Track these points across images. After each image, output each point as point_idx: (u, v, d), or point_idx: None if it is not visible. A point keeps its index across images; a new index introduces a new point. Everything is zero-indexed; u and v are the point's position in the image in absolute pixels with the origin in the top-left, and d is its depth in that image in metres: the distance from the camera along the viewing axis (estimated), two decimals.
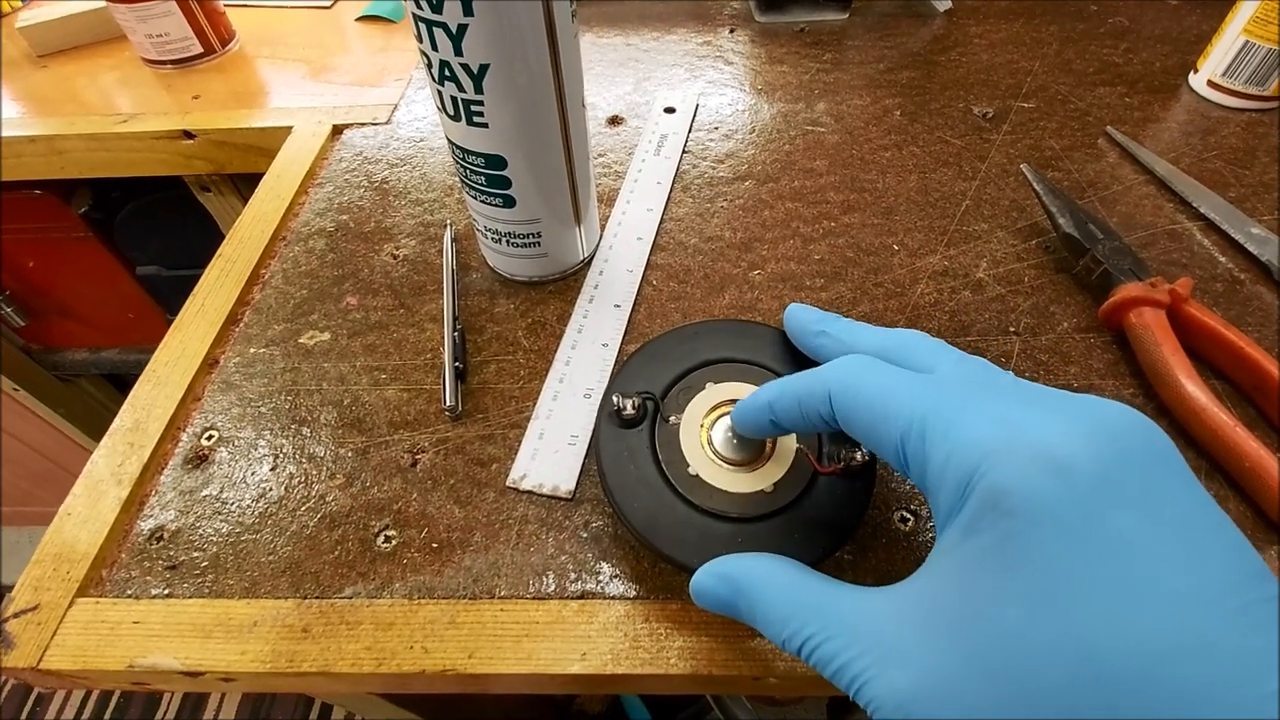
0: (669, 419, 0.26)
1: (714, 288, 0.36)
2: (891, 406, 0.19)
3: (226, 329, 0.35)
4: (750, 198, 0.40)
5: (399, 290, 0.36)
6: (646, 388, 0.27)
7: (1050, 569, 0.15)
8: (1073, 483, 0.15)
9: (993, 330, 0.33)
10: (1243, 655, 0.13)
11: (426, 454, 0.30)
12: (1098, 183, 0.40)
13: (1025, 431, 0.16)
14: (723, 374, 0.27)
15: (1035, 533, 0.15)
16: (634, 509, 0.24)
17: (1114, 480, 0.15)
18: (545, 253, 0.34)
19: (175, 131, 0.48)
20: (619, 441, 0.26)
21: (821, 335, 0.25)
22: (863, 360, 0.21)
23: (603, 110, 0.47)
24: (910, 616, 0.17)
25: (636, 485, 0.25)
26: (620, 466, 0.25)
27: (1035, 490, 0.15)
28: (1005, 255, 0.36)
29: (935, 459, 0.17)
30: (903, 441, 0.18)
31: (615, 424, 0.26)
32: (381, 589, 0.26)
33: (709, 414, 0.26)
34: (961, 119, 0.45)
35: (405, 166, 0.43)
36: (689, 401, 0.27)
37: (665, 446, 0.26)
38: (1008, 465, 0.16)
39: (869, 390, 0.19)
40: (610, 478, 0.25)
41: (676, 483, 0.25)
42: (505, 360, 0.33)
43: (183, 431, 0.31)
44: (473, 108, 0.28)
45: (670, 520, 0.24)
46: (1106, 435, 0.16)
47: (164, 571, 0.27)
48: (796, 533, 0.23)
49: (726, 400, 0.26)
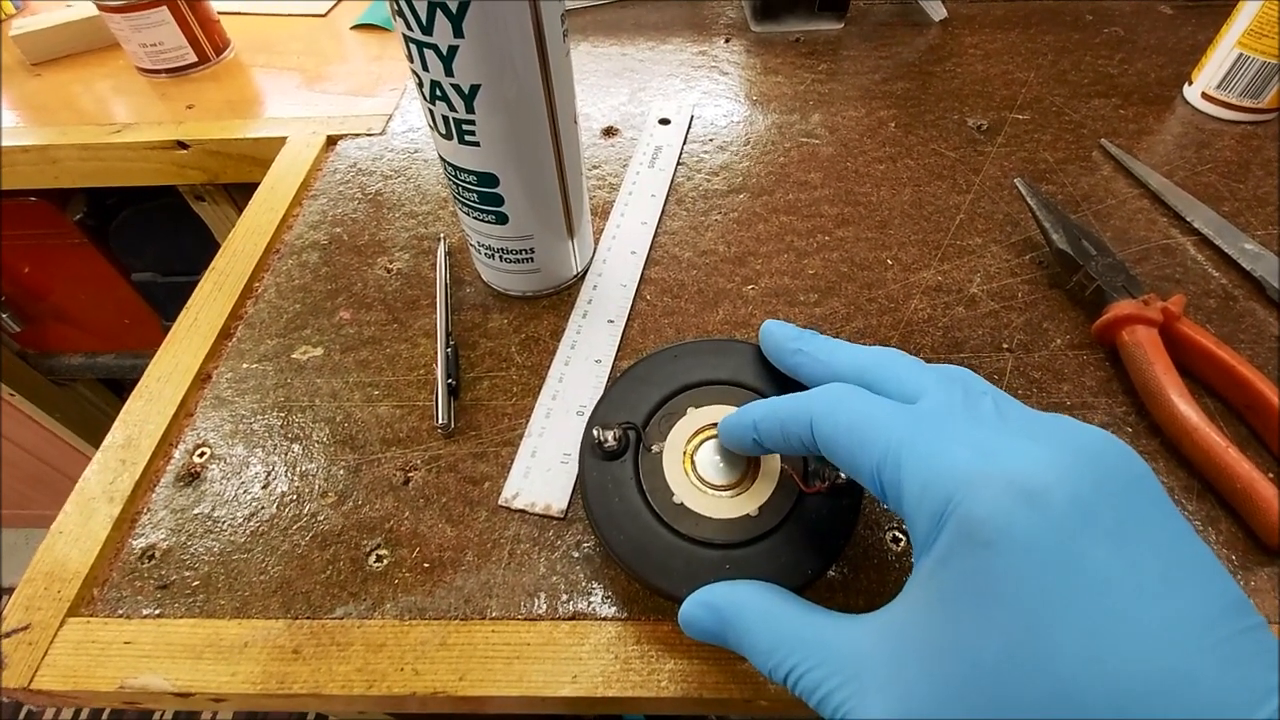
0: (651, 448, 0.26)
1: (708, 303, 0.36)
2: (869, 435, 0.19)
3: (219, 344, 0.35)
4: (745, 211, 0.40)
5: (392, 304, 0.36)
6: (628, 416, 0.27)
7: (1025, 601, 0.14)
8: (1048, 513, 0.15)
9: (986, 347, 0.33)
10: (1222, 689, 0.13)
11: (419, 472, 0.30)
12: (1092, 196, 0.40)
13: (1000, 460, 0.16)
14: (704, 397, 0.27)
15: (1010, 563, 0.15)
16: (620, 540, 0.24)
17: (1090, 510, 0.15)
18: (538, 268, 0.34)
19: (169, 142, 0.48)
20: (602, 473, 0.26)
21: (798, 354, 0.25)
22: (846, 389, 0.21)
23: (597, 121, 0.47)
24: (887, 646, 0.17)
25: (621, 517, 0.25)
26: (605, 498, 0.25)
27: (1009, 520, 0.15)
28: (999, 270, 0.36)
29: (910, 488, 0.17)
30: (879, 470, 0.18)
31: (598, 456, 0.26)
32: (373, 609, 0.26)
33: (691, 439, 0.26)
34: (956, 131, 0.45)
35: (399, 178, 0.43)
36: (671, 428, 0.27)
37: (649, 476, 0.26)
38: (982, 495, 0.16)
39: (849, 418, 0.19)
40: (595, 510, 0.25)
41: (662, 512, 0.25)
42: (498, 376, 0.33)
43: (175, 448, 0.31)
44: (464, 127, 0.28)
45: (657, 550, 0.24)
46: (1083, 463, 0.16)
47: (155, 591, 0.27)
48: (784, 556, 0.23)
49: (709, 425, 0.26)
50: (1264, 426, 0.29)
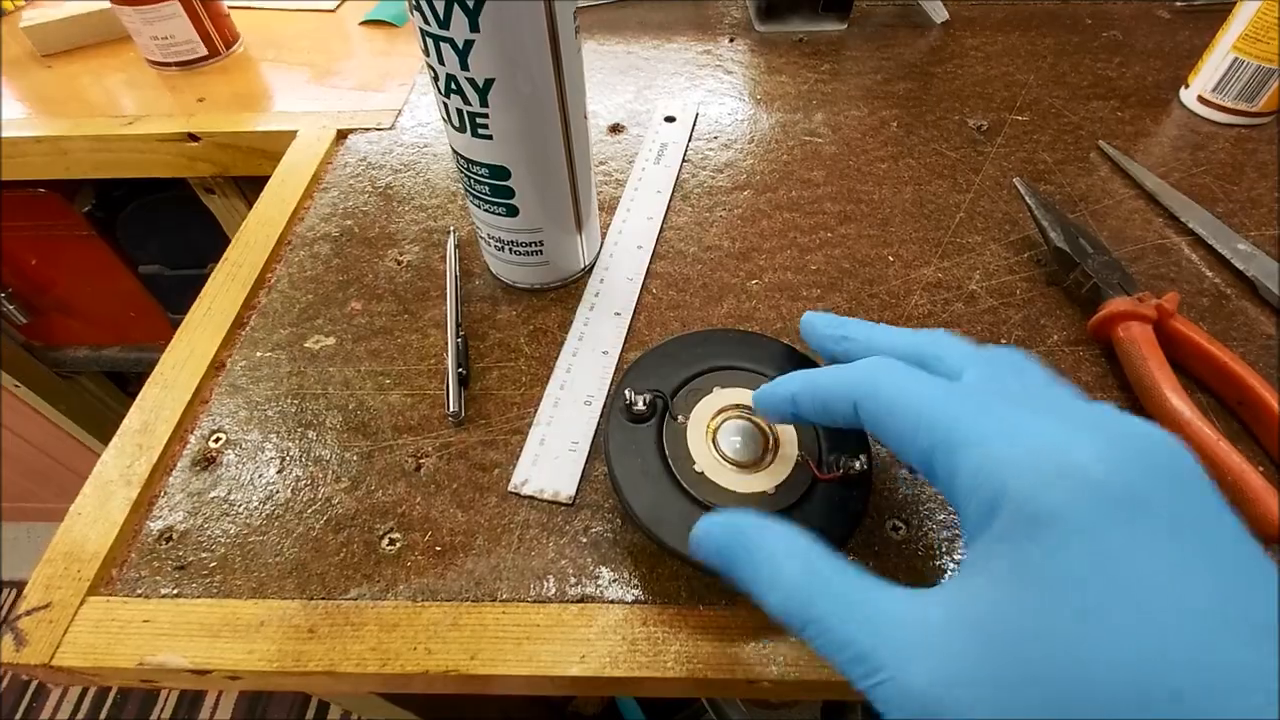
0: (677, 417, 0.27)
1: (712, 297, 0.36)
2: (922, 418, 0.19)
3: (233, 332, 0.36)
4: (748, 207, 0.41)
5: (403, 296, 0.37)
6: (657, 386, 0.28)
7: (1079, 584, 0.15)
8: (1102, 499, 0.15)
9: (985, 342, 0.34)
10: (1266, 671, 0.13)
11: (430, 458, 0.30)
12: (1089, 196, 0.41)
13: (1056, 447, 0.16)
14: (729, 379, 0.28)
15: (1065, 547, 0.15)
16: (639, 500, 0.25)
17: (1143, 499, 0.15)
18: (547, 260, 0.35)
19: (180, 134, 0.49)
20: (627, 435, 0.27)
21: (844, 340, 0.25)
22: (889, 365, 0.21)
23: (604, 118, 0.47)
24: (939, 620, 0.17)
25: (641, 478, 0.26)
26: (627, 459, 0.26)
27: (1065, 505, 0.15)
28: (998, 268, 0.37)
29: (965, 472, 0.17)
30: (931, 453, 0.18)
31: (625, 418, 0.27)
32: (386, 591, 0.27)
33: (715, 416, 0.27)
34: (957, 131, 0.45)
35: (409, 172, 0.44)
36: (697, 403, 0.27)
37: (672, 443, 0.26)
38: (1037, 481, 0.16)
39: (898, 400, 0.19)
40: (617, 469, 0.26)
41: (682, 477, 0.25)
42: (507, 366, 0.34)
43: (190, 434, 0.32)
44: (478, 120, 0.29)
45: (673, 513, 0.25)
46: (1138, 454, 0.16)
47: (173, 572, 0.28)
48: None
49: (732, 404, 0.27)
50: (1255, 421, 0.30)
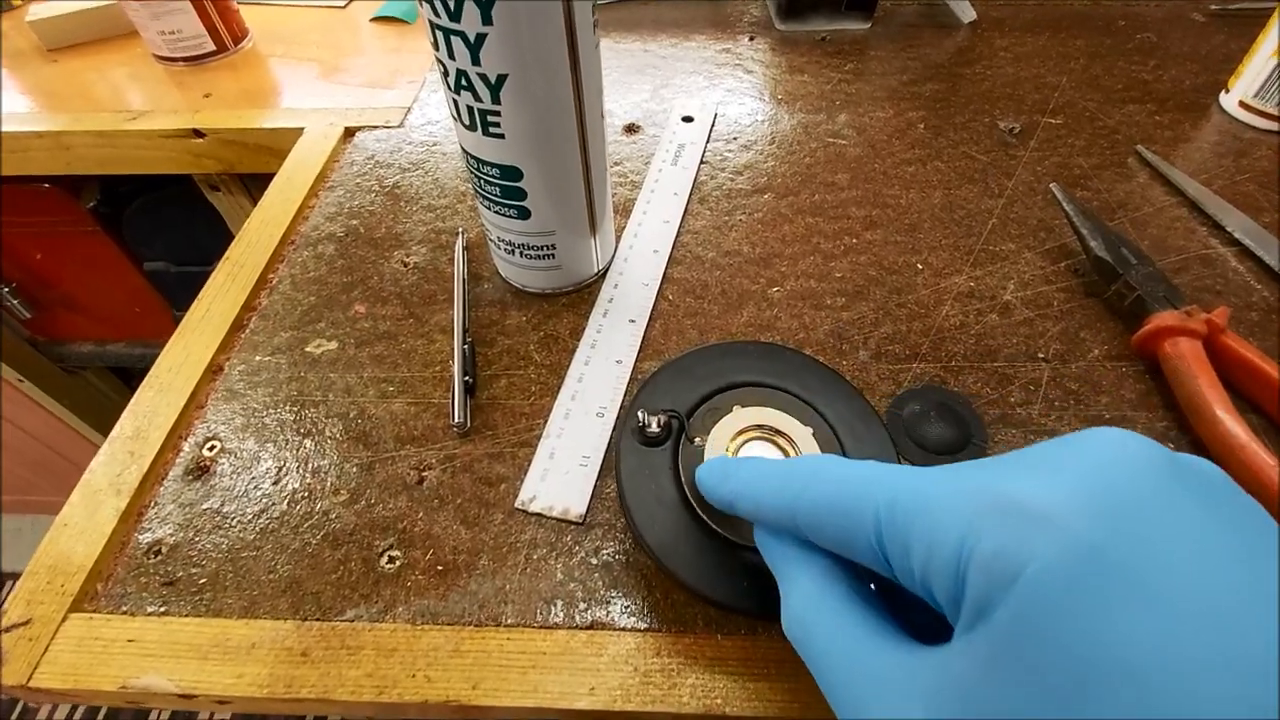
0: (694, 440, 0.25)
1: (731, 304, 0.35)
2: (855, 502, 0.17)
3: (232, 335, 0.34)
4: (769, 211, 0.39)
5: (408, 299, 0.35)
6: (672, 405, 0.26)
7: (1063, 648, 0.13)
8: (1067, 535, 0.13)
9: (1020, 356, 0.32)
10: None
11: (433, 471, 0.29)
12: (1128, 204, 0.39)
13: (1011, 487, 0.14)
14: (750, 398, 0.26)
15: (1038, 602, 0.13)
16: (651, 529, 0.23)
17: (1119, 522, 0.13)
18: (559, 265, 0.33)
19: (185, 130, 0.48)
20: (640, 459, 0.25)
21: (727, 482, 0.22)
22: (823, 460, 0.19)
23: (619, 118, 0.46)
24: (923, 689, 0.15)
25: (655, 505, 0.24)
26: (640, 484, 0.24)
27: (1028, 552, 0.13)
28: (1033, 277, 0.35)
29: (917, 540, 0.15)
30: (876, 537, 0.16)
31: (637, 440, 0.25)
32: (384, 613, 0.25)
33: (735, 438, 0.25)
34: (987, 134, 0.44)
35: (417, 171, 0.43)
36: (715, 423, 0.26)
37: (689, 468, 0.25)
38: (993, 528, 0.14)
39: (827, 490, 0.18)
40: (629, 495, 0.24)
41: (698, 506, 0.24)
42: (516, 375, 0.32)
43: (184, 441, 0.31)
44: (489, 118, 0.27)
45: (688, 545, 0.23)
46: (1096, 475, 0.14)
47: (160, 588, 0.26)
48: None
49: (753, 425, 0.25)
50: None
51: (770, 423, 0.25)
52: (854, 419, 0.26)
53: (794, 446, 0.25)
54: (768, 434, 0.25)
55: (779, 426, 0.25)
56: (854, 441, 0.25)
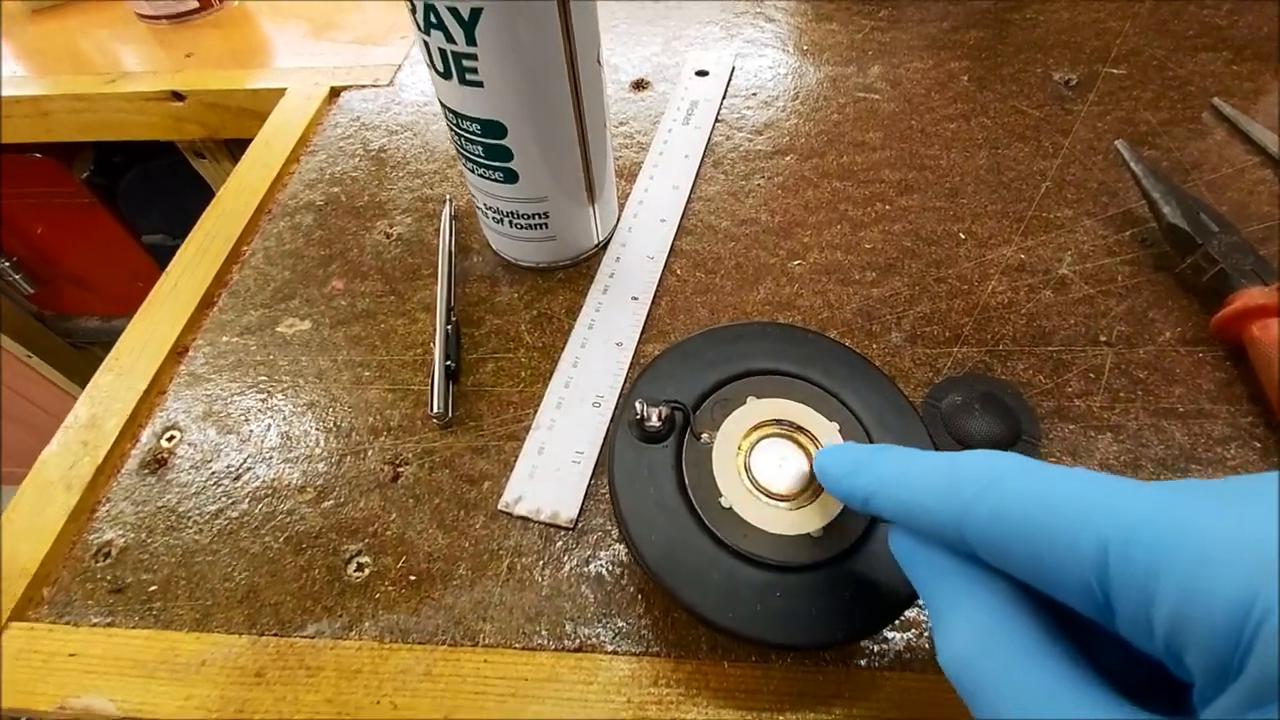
0: (700, 436, 0.22)
1: (747, 279, 0.31)
2: (1070, 524, 0.13)
3: (200, 313, 0.32)
4: (791, 175, 0.35)
5: (390, 274, 0.32)
6: (676, 395, 0.22)
7: None
8: None
9: (1079, 339, 0.28)
10: None
11: (410, 467, 0.26)
12: (1203, 164, 0.34)
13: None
14: (768, 388, 0.23)
15: None
16: (649, 540, 0.20)
17: None
18: (553, 235, 0.30)
19: (163, 93, 0.45)
20: (638, 457, 0.22)
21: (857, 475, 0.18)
22: (1013, 459, 0.15)
23: (626, 73, 0.42)
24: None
25: (655, 512, 0.21)
26: (637, 487, 0.21)
27: None
28: (1094, 248, 0.31)
29: (1169, 589, 0.12)
30: (1100, 567, 0.12)
31: (635, 435, 0.22)
32: (349, 628, 0.23)
33: (749, 434, 0.22)
34: (1040, 86, 0.39)
35: (406, 133, 0.39)
36: (726, 417, 0.22)
37: (694, 469, 0.21)
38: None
39: (1029, 505, 0.13)
40: (623, 500, 0.21)
41: (704, 513, 0.20)
42: (504, 359, 0.29)
43: (143, 429, 0.28)
44: (464, 62, 0.23)
45: (692, 559, 0.20)
46: None
47: (107, 596, 0.24)
48: (848, 591, 0.19)
49: (771, 419, 0.22)
50: None
51: (790, 417, 0.22)
52: (886, 412, 0.22)
53: (817, 445, 0.22)
54: (786, 430, 0.22)
55: (800, 421, 0.22)
56: (884, 434, 0.22)
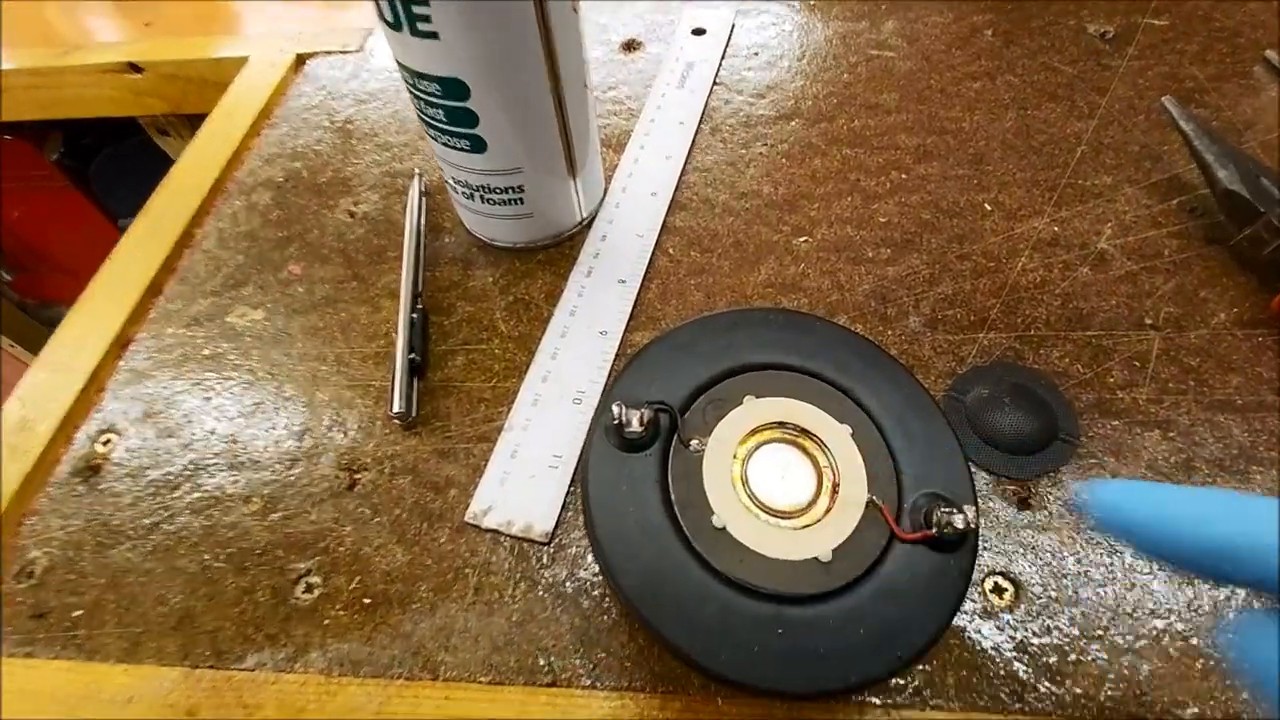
0: (689, 442, 0.19)
1: (747, 259, 0.28)
2: None
3: (145, 302, 0.29)
4: (797, 142, 0.32)
5: (353, 257, 0.29)
6: (661, 395, 0.19)
7: None
8: None
9: (1122, 322, 0.25)
10: None
11: (368, 473, 0.23)
12: (1257, 123, 0.31)
13: None
14: (767, 385, 0.20)
15: None
16: (629, 569, 0.17)
17: None
18: (530, 212, 0.27)
19: (119, 64, 0.41)
20: (617, 469, 0.19)
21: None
22: None
23: (615, 32, 0.38)
24: None
25: (636, 534, 0.18)
26: (615, 506, 0.18)
27: None
28: (1136, 219, 0.28)
29: None
30: None
31: (613, 443, 0.19)
32: (293, 659, 0.20)
33: (747, 439, 0.19)
34: (1073, 40, 0.35)
35: (375, 102, 0.36)
36: (720, 420, 0.19)
37: (682, 482, 0.18)
38: None
39: None
40: (599, 521, 0.18)
41: (693, 536, 0.18)
42: (476, 350, 0.26)
43: (79, 431, 0.25)
44: (414, 9, 0.20)
45: (679, 590, 0.17)
46: None
47: (28, 621, 0.21)
48: (862, 626, 0.16)
49: (771, 422, 0.19)
50: None
51: (793, 419, 0.19)
52: (906, 411, 0.19)
53: (825, 452, 0.19)
54: (790, 435, 0.19)
55: (804, 424, 0.19)
56: (906, 443, 0.19)
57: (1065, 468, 0.22)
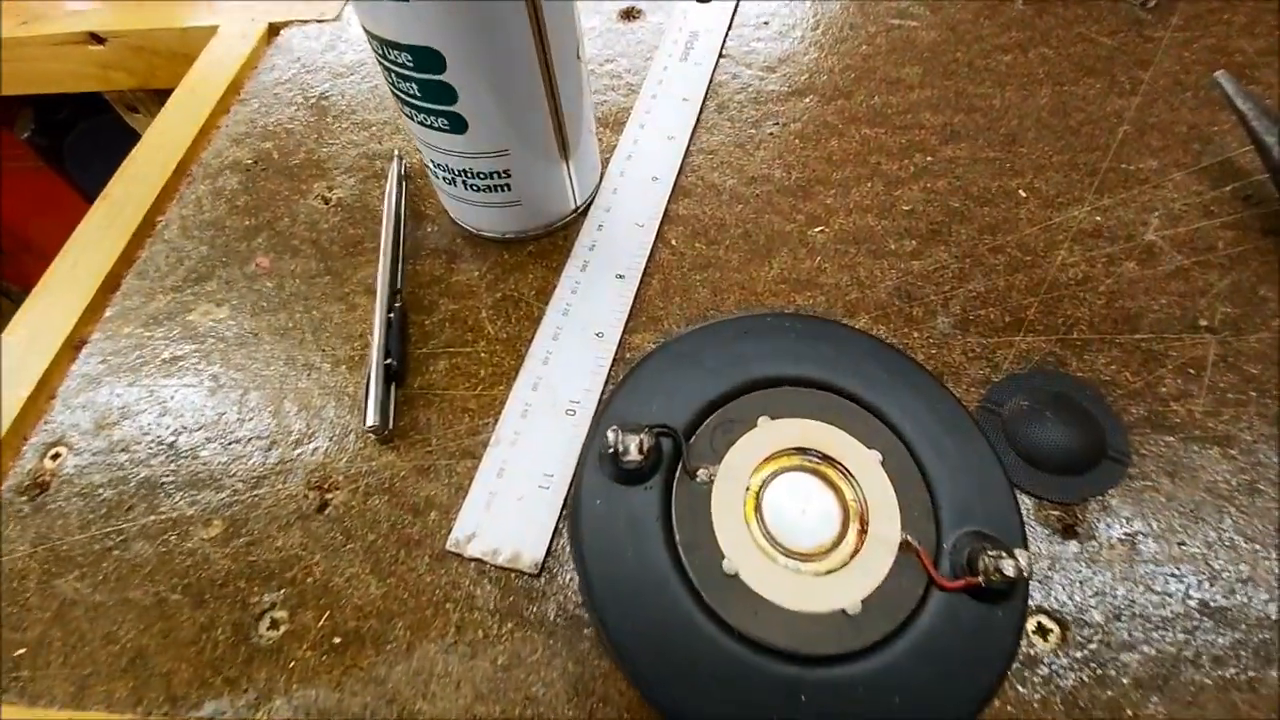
0: (696, 473, 0.17)
1: (757, 251, 0.25)
2: None
3: (101, 298, 0.27)
4: (811, 121, 0.29)
5: (327, 248, 0.27)
6: (661, 417, 0.17)
7: None
8: None
9: (1173, 324, 0.22)
10: None
11: (340, 492, 0.21)
12: None
13: None
14: (787, 403, 0.17)
15: None
16: (625, 623, 0.15)
17: None
18: (518, 199, 0.24)
19: (80, 35, 0.39)
20: (612, 504, 0.16)
21: None
22: None
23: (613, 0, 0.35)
24: None
25: (635, 583, 0.16)
26: (610, 547, 0.16)
27: None
28: (1186, 208, 0.25)
29: None
30: None
31: (609, 474, 0.17)
32: (255, 707, 0.18)
33: (761, 468, 0.17)
34: (1111, 9, 0.32)
35: (353, 76, 0.33)
36: (730, 445, 0.17)
37: (687, 520, 0.16)
38: None
39: None
40: (592, 564, 0.16)
41: (700, 583, 0.15)
42: (460, 354, 0.24)
43: (26, 444, 0.23)
44: None
45: (685, 649, 0.15)
46: None
47: None
48: (896, 692, 0.14)
49: (790, 448, 0.17)
50: None
51: (815, 444, 0.17)
52: (942, 433, 0.17)
53: (851, 483, 0.16)
54: (811, 462, 0.17)
55: (828, 450, 0.17)
56: (944, 471, 0.17)
57: (1114, 490, 0.19)
